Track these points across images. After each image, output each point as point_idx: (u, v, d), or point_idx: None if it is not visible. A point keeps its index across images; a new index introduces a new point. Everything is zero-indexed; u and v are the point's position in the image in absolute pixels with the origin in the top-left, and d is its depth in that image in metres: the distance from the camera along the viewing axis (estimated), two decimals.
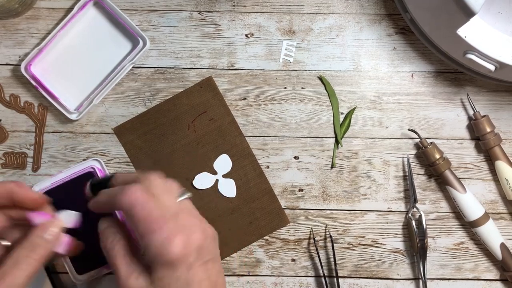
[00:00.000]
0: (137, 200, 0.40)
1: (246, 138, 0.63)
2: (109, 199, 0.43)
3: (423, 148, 0.61)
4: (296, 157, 0.63)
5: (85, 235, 0.52)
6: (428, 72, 0.64)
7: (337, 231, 0.63)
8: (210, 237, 0.43)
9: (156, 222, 0.40)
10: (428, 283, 0.63)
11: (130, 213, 0.40)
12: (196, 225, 0.42)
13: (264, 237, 0.63)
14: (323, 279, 0.62)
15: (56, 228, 0.44)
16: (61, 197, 0.60)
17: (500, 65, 0.55)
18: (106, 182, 0.47)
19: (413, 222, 0.61)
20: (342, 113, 0.63)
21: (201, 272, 0.40)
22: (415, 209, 0.62)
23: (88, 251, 0.59)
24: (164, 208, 0.41)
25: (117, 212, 0.53)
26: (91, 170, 0.60)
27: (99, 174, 0.60)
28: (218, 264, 0.44)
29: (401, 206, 0.63)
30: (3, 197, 0.45)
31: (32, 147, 0.63)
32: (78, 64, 0.63)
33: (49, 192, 0.60)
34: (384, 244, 0.63)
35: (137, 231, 0.40)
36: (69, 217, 0.47)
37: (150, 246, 0.39)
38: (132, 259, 0.42)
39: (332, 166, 0.63)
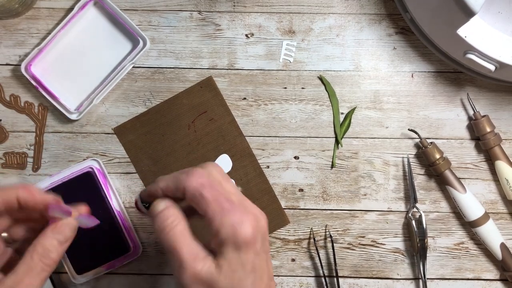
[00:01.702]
0: (206, 183, 0.40)
1: (246, 138, 0.63)
2: (174, 183, 0.41)
3: (423, 148, 0.61)
4: (296, 157, 0.63)
5: (85, 235, 0.52)
6: (428, 72, 0.64)
7: (337, 231, 0.63)
8: (267, 227, 0.42)
9: (228, 203, 0.39)
10: (428, 283, 0.63)
11: (200, 195, 0.39)
12: (260, 214, 0.41)
13: None
14: (323, 279, 0.62)
15: (70, 230, 0.42)
16: (60, 197, 0.60)
17: (500, 65, 0.55)
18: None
19: (413, 222, 0.61)
20: (342, 113, 0.64)
21: (264, 261, 0.40)
22: (415, 209, 0.62)
23: (88, 251, 0.59)
24: (230, 193, 0.41)
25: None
26: (90, 170, 0.60)
27: (98, 174, 0.60)
28: (270, 259, 0.43)
29: (401, 206, 0.63)
30: (8, 205, 0.42)
31: (32, 147, 0.63)
32: (78, 64, 0.63)
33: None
34: (384, 244, 0.63)
35: (208, 213, 0.39)
36: (85, 221, 0.45)
37: (223, 226, 0.38)
38: (194, 242, 0.40)
39: (332, 166, 0.63)
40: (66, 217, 0.43)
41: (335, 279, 0.61)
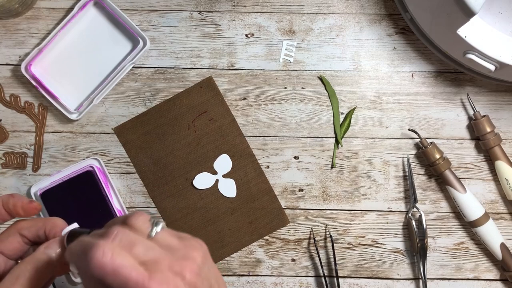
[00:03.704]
0: (107, 267, 0.35)
1: (246, 138, 0.63)
2: (77, 262, 0.37)
3: (423, 148, 0.61)
4: (296, 157, 0.63)
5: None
6: (428, 72, 0.64)
7: (337, 231, 0.63)
8: (201, 267, 0.38)
9: (138, 284, 0.34)
10: (428, 283, 0.63)
11: (107, 282, 0.35)
12: (183, 267, 0.37)
13: (264, 237, 0.63)
14: (323, 279, 0.62)
15: (59, 246, 0.43)
16: (60, 196, 0.60)
17: (500, 65, 0.55)
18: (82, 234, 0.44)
19: (413, 222, 0.61)
20: (342, 113, 0.64)
21: None
22: (415, 209, 0.62)
23: None
24: (141, 256, 0.36)
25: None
26: (90, 169, 0.60)
27: (98, 173, 0.60)
28: (217, 285, 0.39)
29: (401, 206, 0.63)
30: (36, 238, 0.43)
31: (32, 147, 0.63)
32: (78, 64, 0.63)
33: (48, 192, 0.60)
34: (384, 244, 0.63)
35: None
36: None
37: None
38: None
39: (332, 166, 0.63)
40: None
41: (335, 279, 0.61)
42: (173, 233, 0.39)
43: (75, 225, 0.46)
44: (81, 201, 0.61)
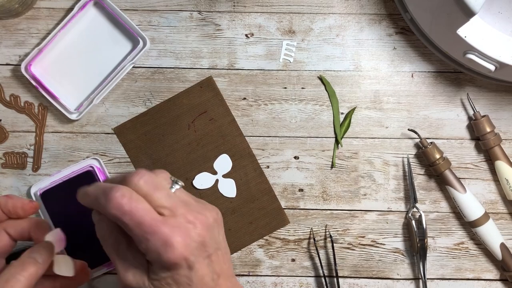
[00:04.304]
0: (124, 208, 0.37)
1: (246, 138, 0.63)
2: (96, 206, 0.40)
3: (423, 148, 0.61)
4: (296, 157, 0.63)
5: (85, 235, 0.52)
6: (428, 72, 0.64)
7: (337, 231, 0.63)
8: (211, 225, 0.40)
9: (149, 227, 0.37)
10: (428, 283, 0.63)
11: (121, 222, 0.38)
12: (196, 218, 0.39)
13: (264, 237, 0.63)
14: (323, 279, 0.62)
15: (46, 251, 0.44)
16: (60, 196, 0.61)
17: (500, 65, 0.55)
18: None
19: (413, 222, 0.61)
20: (342, 113, 0.64)
21: (203, 267, 0.39)
22: (415, 209, 0.62)
23: (88, 250, 0.59)
24: (157, 207, 0.39)
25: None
26: (90, 169, 0.60)
27: (98, 173, 0.60)
28: (222, 251, 0.41)
29: (401, 206, 0.63)
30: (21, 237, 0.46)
31: (32, 147, 0.63)
32: (78, 64, 0.63)
33: (48, 192, 0.60)
34: (384, 244, 0.63)
35: (134, 238, 0.38)
36: (56, 237, 0.47)
37: (148, 251, 0.38)
38: (128, 253, 0.40)
39: (332, 166, 0.63)
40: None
41: (335, 279, 0.61)
42: (190, 195, 0.42)
43: (58, 230, 0.47)
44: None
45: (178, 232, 0.37)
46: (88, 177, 0.60)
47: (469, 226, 0.62)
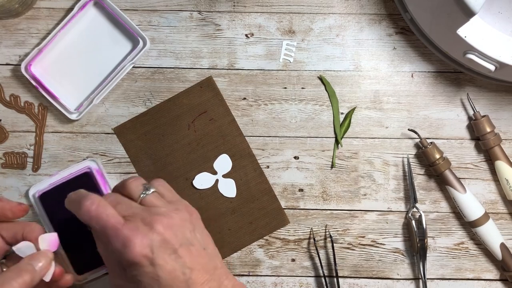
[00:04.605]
0: (91, 213, 0.43)
1: (246, 138, 0.63)
2: (74, 207, 0.46)
3: (423, 148, 0.61)
4: (296, 157, 0.63)
5: (83, 236, 0.52)
6: (428, 72, 0.64)
7: (337, 231, 0.63)
8: (177, 224, 0.44)
9: (111, 229, 0.42)
10: (428, 283, 0.63)
11: (92, 227, 0.44)
12: (156, 220, 0.43)
13: (264, 237, 0.63)
14: (323, 279, 0.62)
15: (45, 259, 0.46)
16: (58, 198, 0.60)
17: (500, 65, 0.55)
18: None
19: (413, 222, 0.61)
20: (342, 113, 0.64)
21: (170, 262, 0.42)
22: (415, 209, 0.62)
23: (88, 251, 0.59)
24: (123, 211, 0.44)
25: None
26: (88, 170, 0.60)
27: (96, 174, 0.60)
28: (196, 247, 0.45)
29: (401, 206, 0.63)
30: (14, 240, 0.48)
31: (32, 147, 0.63)
32: (78, 64, 0.63)
33: (46, 194, 0.60)
34: (384, 244, 0.63)
35: (103, 239, 0.44)
36: (50, 240, 0.48)
37: (113, 252, 0.42)
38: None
39: (332, 166, 0.63)
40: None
41: (335, 279, 0.61)
42: (166, 198, 0.48)
43: (54, 234, 0.48)
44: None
45: (136, 234, 0.42)
46: (86, 179, 0.60)
47: (469, 226, 0.62)
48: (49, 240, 0.48)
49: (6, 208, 0.48)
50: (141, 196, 0.46)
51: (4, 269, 0.47)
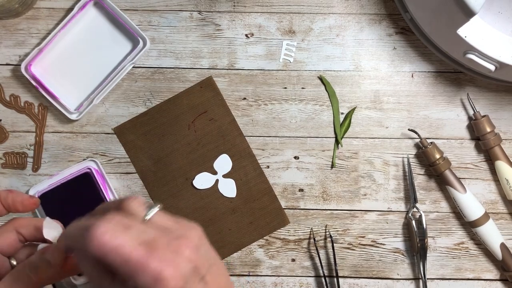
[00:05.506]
0: (107, 246, 0.35)
1: (246, 138, 0.63)
2: (77, 243, 0.37)
3: (423, 148, 0.61)
4: (296, 157, 0.63)
5: None
6: (428, 72, 0.64)
7: (337, 231, 0.63)
8: (198, 245, 0.39)
9: (137, 263, 0.35)
10: (428, 283, 0.63)
11: (106, 260, 0.35)
12: (181, 244, 0.37)
13: (264, 237, 0.63)
14: (323, 279, 0.62)
15: (59, 253, 0.44)
16: (58, 199, 0.60)
17: (500, 65, 0.55)
18: None
19: (413, 222, 0.61)
20: (342, 113, 0.64)
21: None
22: (415, 209, 0.62)
23: None
24: (137, 237, 0.36)
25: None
26: (88, 171, 0.60)
27: (96, 175, 0.60)
28: (217, 265, 0.40)
29: (401, 206, 0.63)
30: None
31: (32, 147, 0.63)
32: (78, 64, 0.63)
33: (46, 194, 0.60)
34: (384, 244, 0.63)
35: (122, 275, 0.36)
36: (54, 227, 0.47)
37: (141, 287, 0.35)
38: None
39: (332, 166, 0.63)
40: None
41: (335, 279, 0.61)
42: (168, 216, 0.40)
43: (55, 221, 0.47)
44: (79, 203, 0.61)
45: (167, 264, 0.35)
46: (85, 179, 0.60)
47: (469, 226, 0.62)
48: (53, 225, 0.47)
49: (17, 200, 0.46)
50: (147, 217, 0.39)
51: (13, 262, 0.46)
